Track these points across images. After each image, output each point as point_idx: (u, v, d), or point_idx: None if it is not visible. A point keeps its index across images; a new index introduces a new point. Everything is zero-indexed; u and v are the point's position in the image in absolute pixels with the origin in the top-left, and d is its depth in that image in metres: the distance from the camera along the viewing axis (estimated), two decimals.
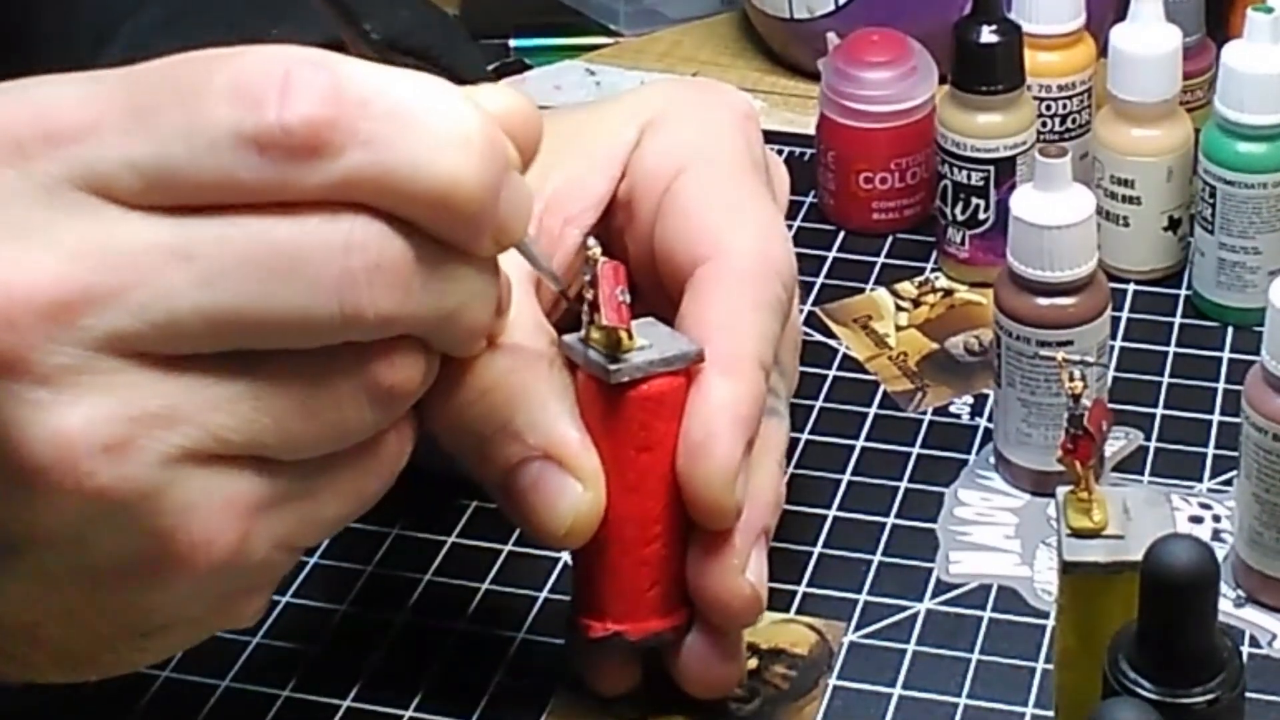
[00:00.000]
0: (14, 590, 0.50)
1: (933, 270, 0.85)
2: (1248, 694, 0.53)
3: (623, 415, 0.58)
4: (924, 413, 0.77)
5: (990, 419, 0.75)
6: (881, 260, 0.86)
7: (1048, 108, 0.85)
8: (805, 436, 0.75)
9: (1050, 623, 0.65)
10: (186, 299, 0.47)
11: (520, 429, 0.57)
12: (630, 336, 0.58)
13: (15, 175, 0.47)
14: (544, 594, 0.68)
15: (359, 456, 0.52)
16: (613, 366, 0.57)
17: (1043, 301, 0.70)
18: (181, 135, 0.47)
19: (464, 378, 0.56)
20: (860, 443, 0.75)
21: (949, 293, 0.84)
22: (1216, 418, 0.76)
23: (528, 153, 0.52)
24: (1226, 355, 0.79)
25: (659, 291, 0.63)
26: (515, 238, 0.52)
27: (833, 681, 0.64)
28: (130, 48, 0.60)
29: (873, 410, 0.77)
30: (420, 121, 0.48)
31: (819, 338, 0.81)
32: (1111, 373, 0.76)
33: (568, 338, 0.59)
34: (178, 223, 0.47)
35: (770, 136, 0.69)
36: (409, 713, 0.64)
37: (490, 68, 0.96)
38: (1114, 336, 0.80)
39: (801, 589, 0.68)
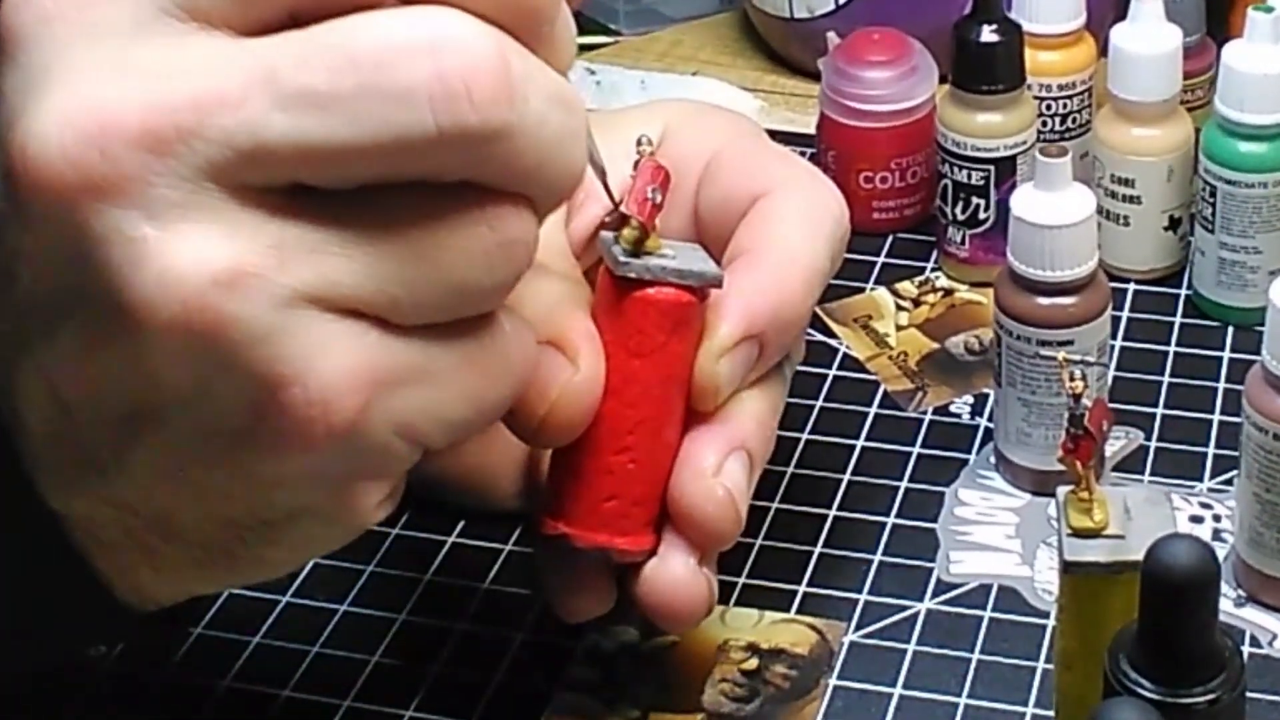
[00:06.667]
0: (142, 464, 0.49)
1: (933, 270, 0.85)
2: (1248, 694, 0.53)
3: (622, 313, 0.57)
4: (924, 412, 0.77)
5: (990, 419, 0.75)
6: (882, 260, 0.86)
7: (1048, 107, 0.85)
8: (805, 436, 0.75)
9: (1051, 623, 0.65)
10: (272, 123, 0.45)
11: (530, 318, 0.54)
12: (653, 237, 0.56)
13: (116, 9, 0.46)
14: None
15: (480, 347, 0.50)
16: (623, 259, 0.56)
17: (1043, 301, 0.70)
18: None
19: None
20: (860, 442, 0.75)
21: (949, 292, 0.84)
22: (1217, 417, 0.76)
23: None
24: (1227, 355, 0.79)
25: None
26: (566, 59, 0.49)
27: (833, 681, 0.64)
28: None
29: (873, 410, 0.77)
30: None
31: (819, 337, 0.80)
32: (1112, 372, 0.76)
33: (604, 232, 0.57)
34: (260, 43, 0.46)
35: (770, 136, 0.69)
36: (409, 713, 0.64)
37: None
38: (1114, 336, 0.80)
39: (801, 589, 0.68)
